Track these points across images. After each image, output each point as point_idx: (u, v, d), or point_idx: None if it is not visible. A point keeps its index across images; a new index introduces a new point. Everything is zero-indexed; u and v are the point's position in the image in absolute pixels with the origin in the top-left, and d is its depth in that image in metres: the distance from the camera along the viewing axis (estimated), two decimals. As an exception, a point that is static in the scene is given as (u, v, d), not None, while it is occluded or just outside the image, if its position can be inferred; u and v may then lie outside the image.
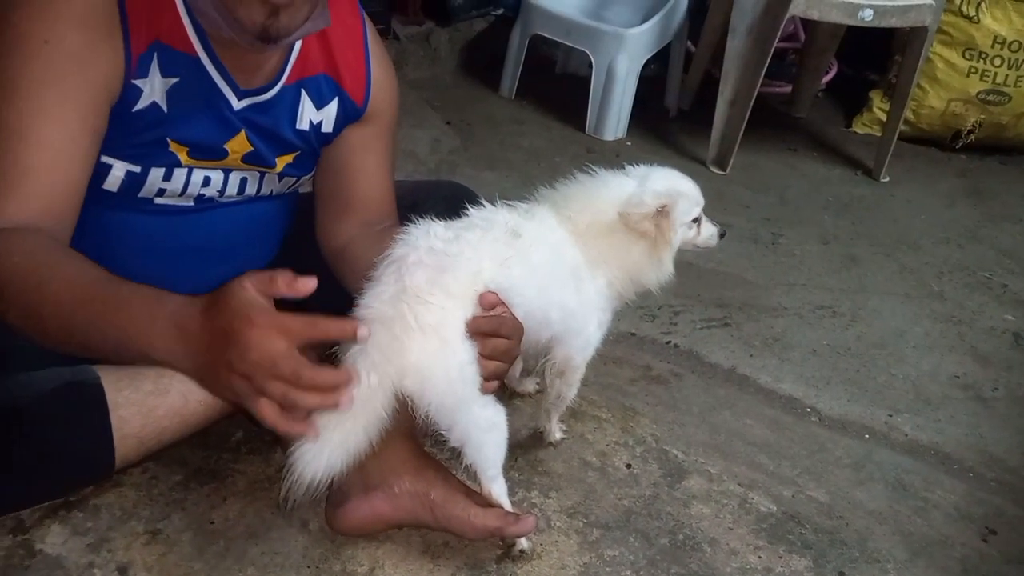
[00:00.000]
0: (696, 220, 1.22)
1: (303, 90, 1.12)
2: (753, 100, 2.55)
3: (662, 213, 1.14)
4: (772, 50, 2.46)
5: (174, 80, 1.00)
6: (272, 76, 1.08)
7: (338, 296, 1.11)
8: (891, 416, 1.61)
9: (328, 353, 1.11)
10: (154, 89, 1.00)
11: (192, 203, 1.13)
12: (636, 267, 1.18)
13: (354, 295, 1.02)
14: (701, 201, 1.22)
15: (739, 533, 1.24)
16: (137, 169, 1.04)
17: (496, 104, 2.99)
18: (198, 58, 1.01)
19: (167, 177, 1.07)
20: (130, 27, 0.95)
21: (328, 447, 0.96)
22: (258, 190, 1.17)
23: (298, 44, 1.09)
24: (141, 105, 1.00)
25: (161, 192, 1.08)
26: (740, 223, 2.34)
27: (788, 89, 3.33)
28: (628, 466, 1.34)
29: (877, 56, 3.24)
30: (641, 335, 1.76)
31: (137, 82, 0.98)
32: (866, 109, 3.15)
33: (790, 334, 1.85)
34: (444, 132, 2.66)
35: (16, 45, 0.91)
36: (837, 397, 1.65)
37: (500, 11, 3.38)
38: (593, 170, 1.20)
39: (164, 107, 1.01)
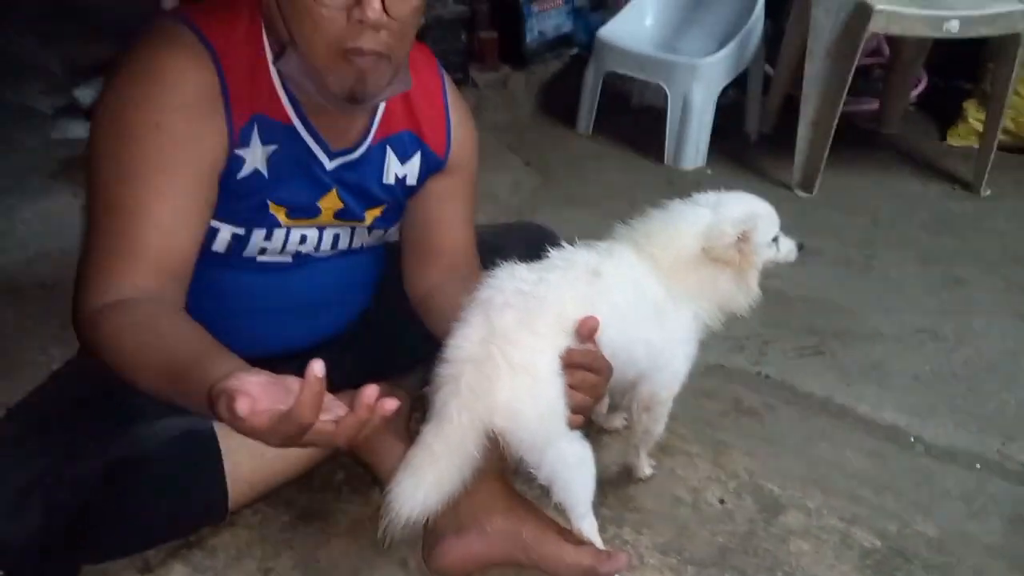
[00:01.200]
0: (775, 238, 1.22)
1: (388, 147, 1.19)
2: (836, 121, 2.49)
3: (743, 239, 1.15)
4: (853, 70, 2.41)
5: (273, 147, 1.08)
6: (359, 136, 1.16)
7: (427, 341, 1.16)
8: (1004, 444, 1.52)
9: (419, 394, 1.16)
10: (256, 157, 1.08)
11: (291, 259, 1.20)
12: (724, 296, 1.18)
13: (440, 338, 1.06)
14: (777, 219, 1.22)
15: (842, 570, 1.20)
16: (241, 231, 1.13)
17: (574, 142, 3.04)
18: (293, 126, 1.09)
19: (268, 237, 1.15)
20: (232, 103, 1.04)
21: (423, 486, 0.99)
22: (350, 244, 1.24)
23: (382, 105, 1.16)
24: (244, 172, 1.08)
25: (263, 251, 1.16)
26: (830, 247, 2.28)
27: (876, 106, 3.23)
28: (721, 501, 1.32)
29: (969, 65, 3.11)
30: (730, 367, 1.73)
31: (240, 152, 1.07)
32: (961, 121, 3.02)
33: (889, 360, 1.78)
34: (524, 173, 2.72)
35: (130, 131, 1.00)
36: (943, 425, 1.57)
37: (574, 51, 3.45)
38: (666, 203, 1.21)
39: (265, 173, 1.09)
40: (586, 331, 1.05)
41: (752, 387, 1.67)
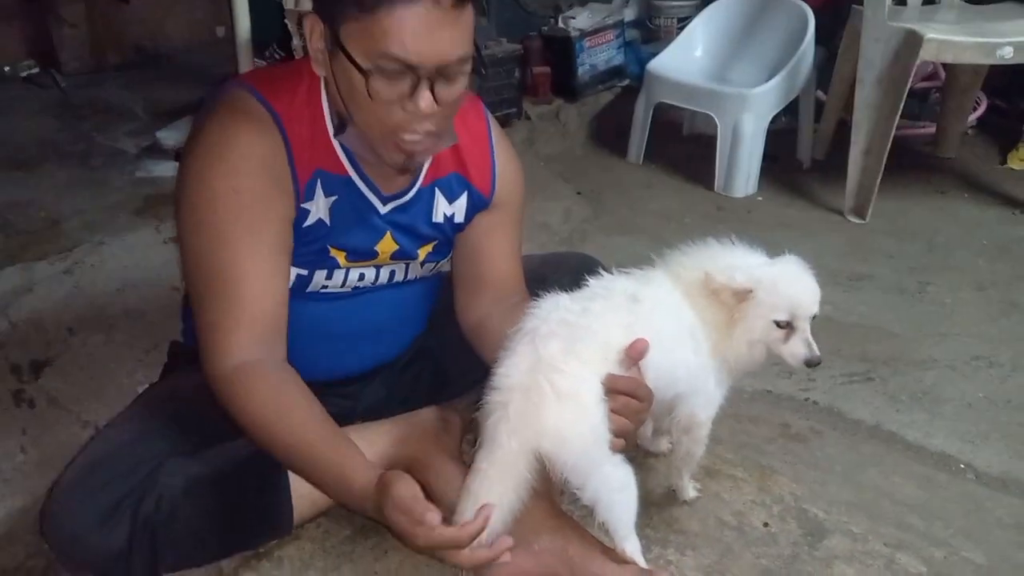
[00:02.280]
0: (783, 325, 1.17)
1: (437, 189, 1.27)
2: (888, 147, 2.49)
3: (740, 294, 1.15)
4: (904, 96, 2.41)
5: (334, 198, 1.18)
6: (410, 181, 1.24)
7: (478, 366, 1.24)
8: (1060, 473, 1.50)
9: (471, 419, 1.22)
10: (319, 208, 1.18)
11: (350, 290, 1.30)
12: (719, 331, 1.18)
13: (490, 364, 1.13)
14: (797, 310, 1.17)
15: (886, 595, 1.21)
16: (305, 272, 1.22)
17: (625, 171, 3.10)
18: (350, 177, 1.19)
19: (329, 276, 1.24)
20: (296, 162, 1.13)
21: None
22: (405, 277, 1.32)
23: None
24: (310, 222, 1.18)
25: (324, 287, 1.26)
26: (883, 273, 2.28)
27: (932, 130, 3.20)
28: (766, 525, 1.35)
29: (1031, 87, 3.06)
30: (778, 392, 1.75)
31: (306, 205, 1.17)
32: (1021, 143, 2.97)
33: (941, 387, 1.77)
34: (575, 202, 2.79)
35: (213, 197, 1.10)
36: (997, 453, 1.56)
37: (625, 82, 3.52)
38: (710, 237, 1.24)
39: (328, 221, 1.19)
40: (635, 354, 1.09)
41: (800, 413, 1.69)
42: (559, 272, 1.40)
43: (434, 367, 1.45)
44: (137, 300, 1.95)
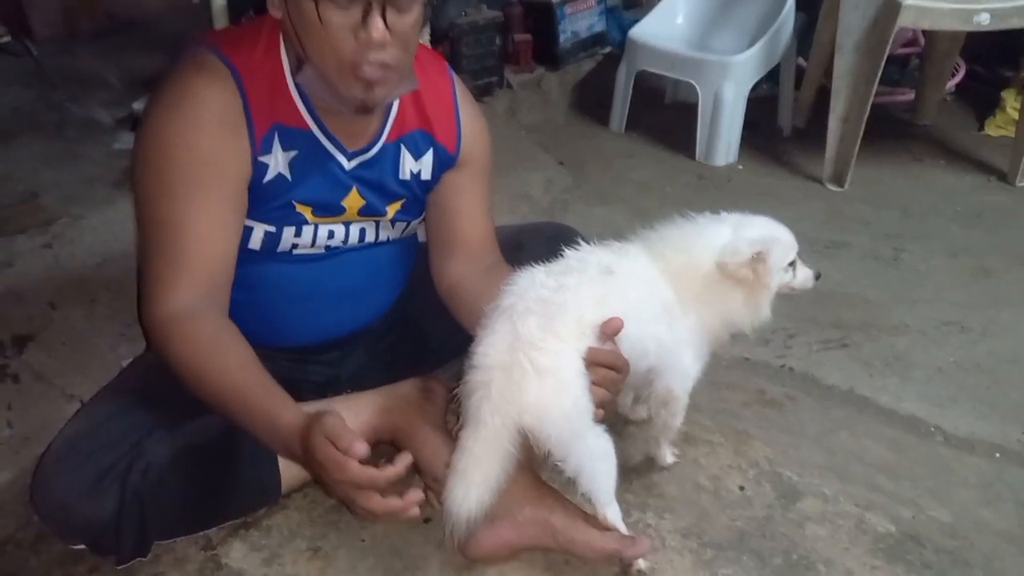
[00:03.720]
0: (791, 264, 1.26)
1: (402, 145, 1.27)
2: (867, 115, 2.51)
3: (758, 259, 1.20)
4: (883, 64, 2.43)
5: (293, 152, 1.18)
6: (374, 137, 1.24)
7: (457, 334, 1.26)
8: (1025, 434, 1.56)
9: (452, 395, 1.25)
10: (278, 163, 1.18)
11: (323, 251, 1.30)
12: (731, 312, 1.23)
13: (468, 329, 1.15)
14: (796, 245, 1.26)
15: (855, 553, 1.25)
16: (273, 229, 1.23)
17: (607, 140, 3.10)
18: (311, 131, 1.19)
19: (298, 234, 1.25)
20: (252, 117, 1.14)
21: (473, 487, 1.09)
22: (376, 237, 1.33)
23: (395, 106, 1.24)
24: (269, 177, 1.18)
25: (295, 246, 1.26)
26: (859, 241, 2.31)
27: (911, 96, 3.22)
28: (741, 488, 1.39)
29: (1010, 52, 3.08)
30: (755, 359, 1.79)
31: (263, 159, 1.16)
32: (999, 110, 3.00)
33: (913, 352, 1.82)
34: (557, 172, 2.79)
35: (165, 151, 1.11)
36: (965, 416, 1.61)
37: (607, 50, 3.49)
38: (691, 214, 1.27)
39: (288, 176, 1.19)
40: (610, 331, 1.13)
41: (776, 379, 1.73)
42: (535, 240, 1.42)
43: (415, 333, 1.46)
44: (118, 273, 1.95)
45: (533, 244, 1.44)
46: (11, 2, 3.45)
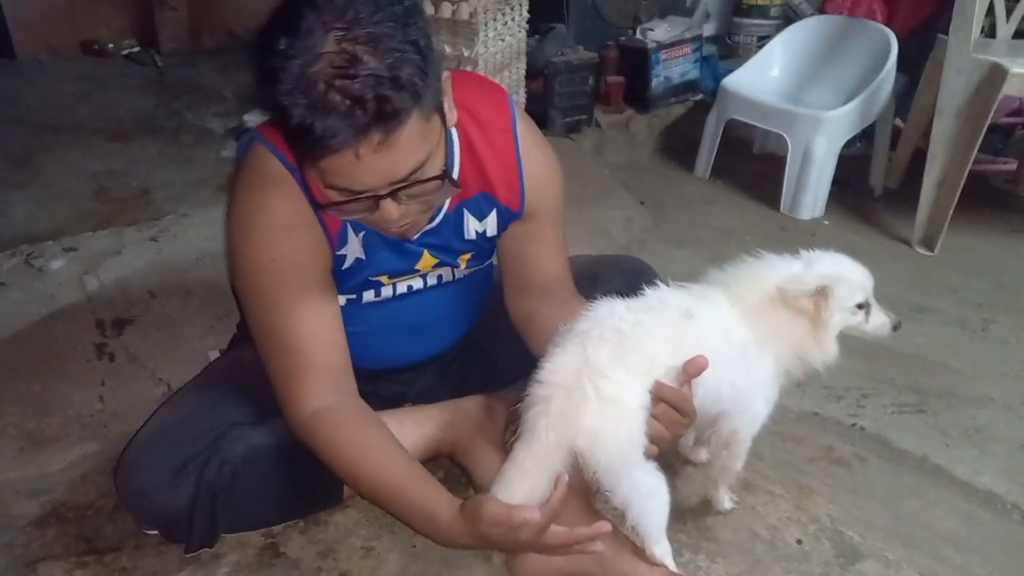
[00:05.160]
0: (862, 306, 1.22)
1: (464, 210, 1.25)
2: (963, 180, 2.44)
3: (821, 294, 1.18)
4: (984, 130, 2.36)
5: (363, 232, 1.20)
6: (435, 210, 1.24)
7: (526, 358, 1.28)
8: (1111, 522, 1.47)
9: (515, 409, 1.27)
10: (354, 248, 1.19)
11: (405, 291, 1.33)
12: (799, 344, 1.21)
13: (538, 358, 1.16)
14: (867, 287, 1.22)
15: (915, 623, 1.21)
16: (354, 296, 1.28)
17: (690, 184, 3.10)
18: None
19: (377, 295, 1.29)
20: (324, 216, 1.13)
21: (517, 497, 1.09)
22: (453, 277, 1.35)
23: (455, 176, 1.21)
24: (348, 264, 1.20)
25: (376, 300, 1.31)
26: (945, 307, 2.24)
27: (1014, 166, 3.11)
28: (799, 542, 1.35)
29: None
30: (825, 415, 1.75)
31: (341, 251, 1.18)
32: (1107, 187, 2.87)
33: (995, 426, 1.74)
34: (637, 211, 2.81)
35: (253, 269, 1.14)
36: (1047, 497, 1.53)
37: (699, 97, 3.52)
38: (760, 253, 1.25)
39: (363, 257, 1.21)
40: (693, 369, 1.11)
41: (846, 437, 1.68)
42: (611, 272, 1.42)
43: (484, 357, 1.49)
44: (213, 270, 2.06)
45: (609, 276, 1.44)
46: (143, 16, 3.75)
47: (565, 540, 1.07)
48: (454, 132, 1.19)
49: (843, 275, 1.21)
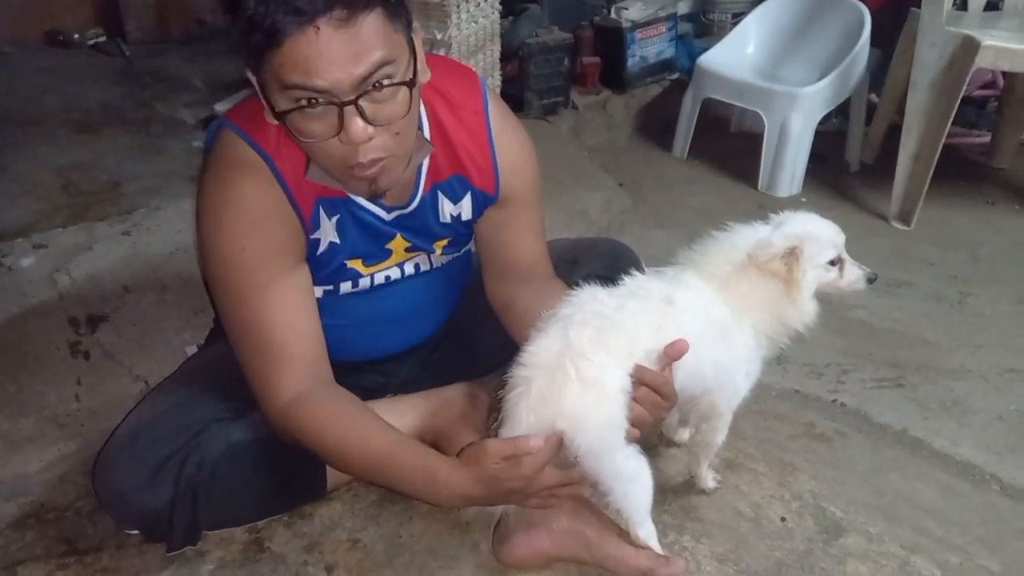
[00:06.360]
0: (835, 263, 1.21)
1: (439, 192, 1.24)
2: (938, 154, 2.45)
3: (791, 255, 1.17)
4: (957, 103, 2.38)
5: (336, 216, 1.18)
6: (410, 190, 1.22)
7: (507, 344, 1.28)
8: (1088, 490, 1.49)
9: (495, 397, 1.27)
10: (327, 232, 1.18)
11: (382, 281, 1.32)
12: (776, 308, 1.20)
13: (520, 343, 1.16)
14: (838, 243, 1.21)
15: (897, 595, 1.22)
16: (331, 287, 1.26)
17: (668, 165, 3.10)
18: (348, 196, 1.17)
19: (355, 285, 1.27)
20: (296, 199, 1.12)
21: None
22: (431, 266, 1.34)
23: (426, 160, 1.20)
24: (323, 249, 1.19)
25: (354, 291, 1.29)
26: (923, 281, 2.26)
27: (987, 139, 3.14)
28: (782, 519, 1.37)
29: (1095, 99, 2.97)
30: (805, 392, 1.76)
31: (315, 235, 1.17)
32: (1080, 157, 2.90)
33: (973, 398, 1.76)
34: (616, 193, 2.81)
35: (224, 259, 1.12)
36: (1023, 466, 1.55)
37: (675, 76, 3.51)
38: (729, 226, 1.25)
39: (338, 240, 1.20)
40: (674, 352, 1.11)
41: (826, 414, 1.70)
42: (590, 256, 1.42)
43: (465, 345, 1.48)
44: (189, 264, 2.03)
45: (588, 260, 1.44)
46: (108, 5, 3.67)
47: (560, 479, 1.09)
48: (424, 114, 1.18)
49: (812, 233, 1.20)
